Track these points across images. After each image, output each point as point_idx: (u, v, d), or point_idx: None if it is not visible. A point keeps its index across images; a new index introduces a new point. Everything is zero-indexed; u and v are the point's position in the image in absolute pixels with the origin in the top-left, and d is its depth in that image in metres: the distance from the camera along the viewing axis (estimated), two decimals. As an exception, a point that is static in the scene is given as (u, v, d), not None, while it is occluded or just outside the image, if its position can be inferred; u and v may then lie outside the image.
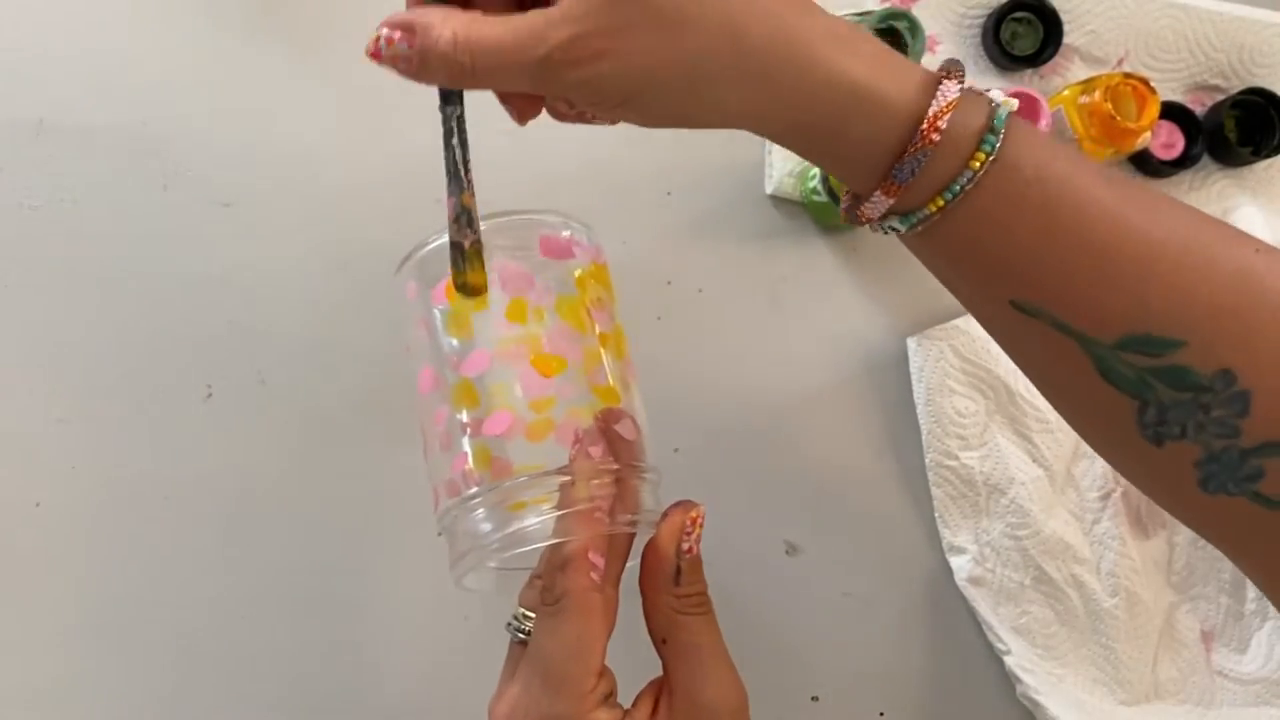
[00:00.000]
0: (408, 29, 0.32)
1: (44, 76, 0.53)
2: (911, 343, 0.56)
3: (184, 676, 0.48)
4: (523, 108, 0.36)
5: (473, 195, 0.34)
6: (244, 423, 0.51)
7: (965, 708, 0.54)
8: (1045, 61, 0.60)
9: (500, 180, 0.57)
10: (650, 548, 0.36)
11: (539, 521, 0.35)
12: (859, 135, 0.32)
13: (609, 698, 0.35)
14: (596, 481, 0.35)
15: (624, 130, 0.60)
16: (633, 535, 0.36)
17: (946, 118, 0.31)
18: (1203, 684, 0.55)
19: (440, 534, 0.37)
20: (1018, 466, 0.55)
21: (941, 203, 0.33)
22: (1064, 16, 0.60)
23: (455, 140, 0.34)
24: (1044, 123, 0.54)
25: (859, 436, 0.56)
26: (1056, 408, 0.39)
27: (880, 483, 0.56)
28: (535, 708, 0.34)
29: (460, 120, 0.34)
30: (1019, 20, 0.60)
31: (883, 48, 0.33)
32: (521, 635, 0.37)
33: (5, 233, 0.51)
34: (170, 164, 0.53)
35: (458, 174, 0.34)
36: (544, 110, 0.37)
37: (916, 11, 0.56)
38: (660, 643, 0.36)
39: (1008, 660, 0.53)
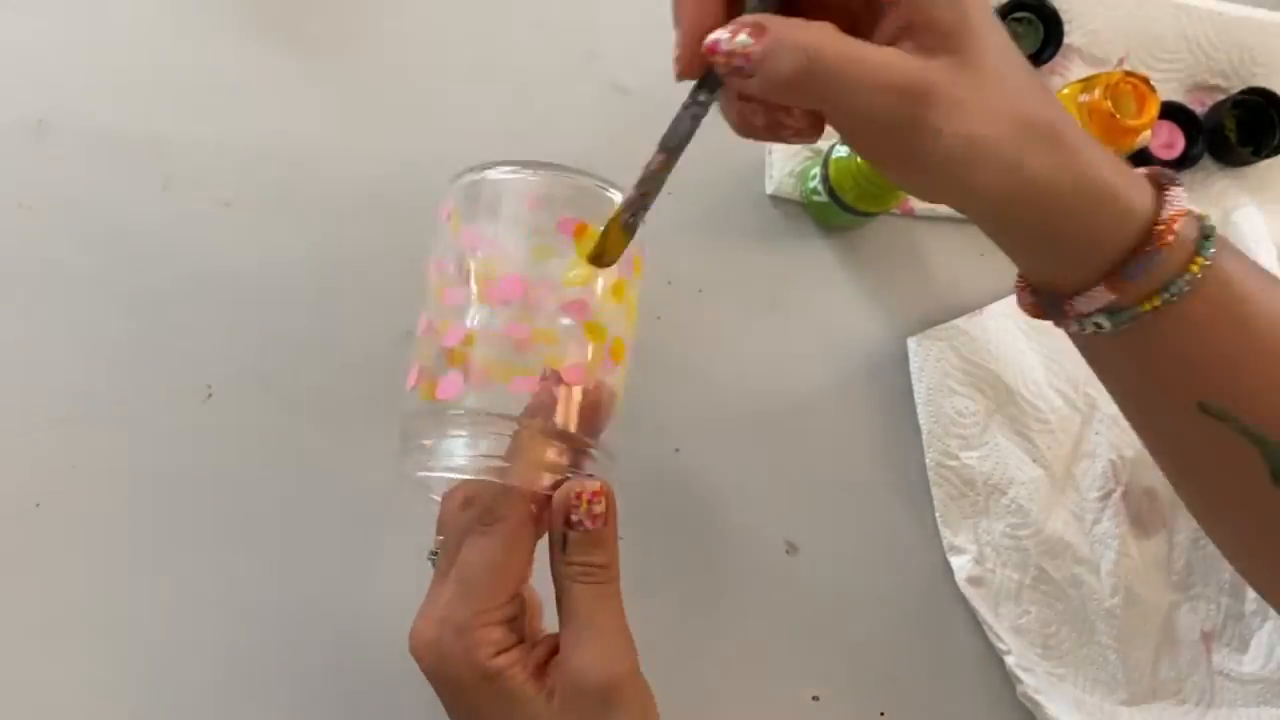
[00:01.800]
0: (758, 27, 0.30)
1: (44, 76, 0.53)
2: (912, 343, 0.56)
3: (183, 676, 0.48)
4: (802, 129, 0.34)
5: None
6: (244, 423, 0.51)
7: (965, 708, 0.54)
8: (1045, 61, 0.60)
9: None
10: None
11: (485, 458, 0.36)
12: (1099, 230, 0.34)
13: (513, 621, 0.36)
14: (552, 450, 0.36)
15: (623, 130, 0.59)
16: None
17: (1180, 222, 0.33)
18: (1203, 684, 0.55)
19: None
20: (1018, 466, 0.55)
21: (1158, 301, 0.34)
22: (1064, 16, 0.60)
23: (690, 124, 0.33)
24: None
25: (859, 436, 0.56)
26: (1207, 518, 0.40)
27: (880, 482, 0.56)
28: (439, 613, 0.35)
29: (706, 108, 0.33)
30: (1019, 20, 0.60)
31: (1112, 154, 0.35)
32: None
33: (5, 233, 0.51)
34: (170, 164, 0.53)
35: (680, 147, 0.33)
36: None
37: (916, 11, 0.56)
38: (557, 599, 0.37)
39: (1008, 660, 0.53)
